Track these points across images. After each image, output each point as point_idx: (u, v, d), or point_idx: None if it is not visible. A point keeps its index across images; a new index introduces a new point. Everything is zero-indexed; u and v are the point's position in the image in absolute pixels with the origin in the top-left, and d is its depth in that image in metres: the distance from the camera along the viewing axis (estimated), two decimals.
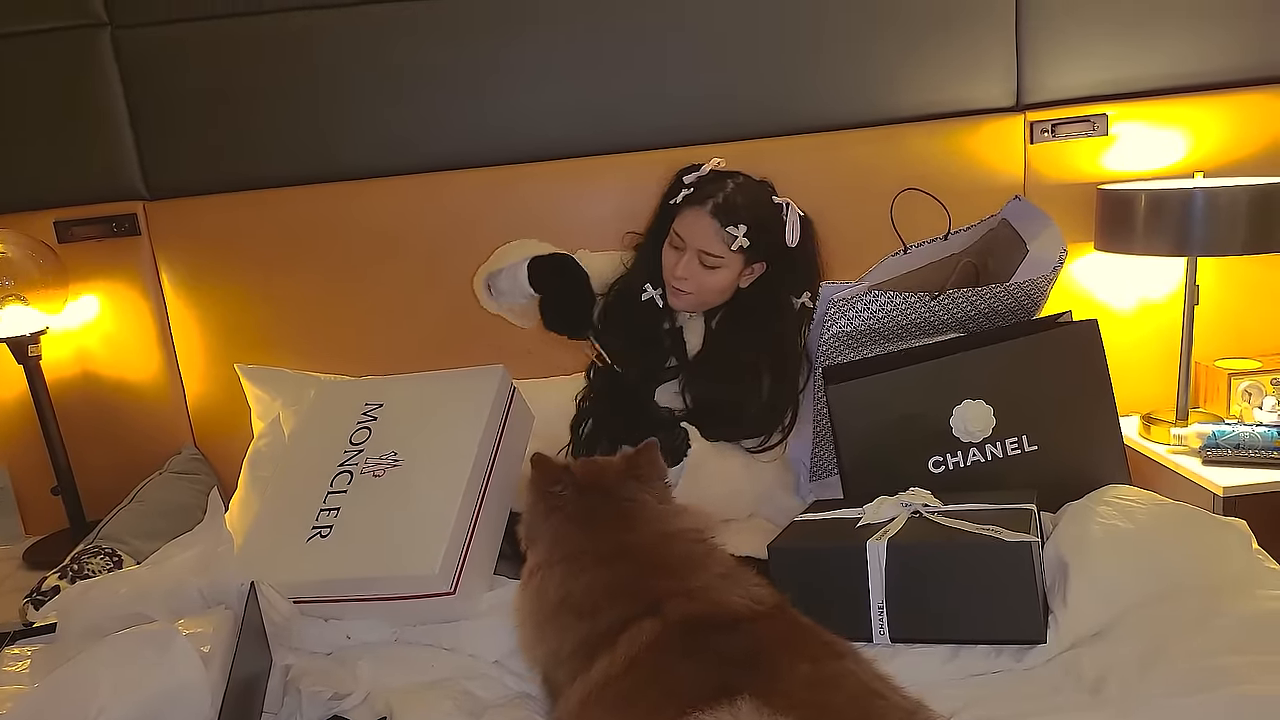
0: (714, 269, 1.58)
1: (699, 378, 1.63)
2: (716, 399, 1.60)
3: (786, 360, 1.64)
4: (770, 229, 1.59)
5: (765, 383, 1.62)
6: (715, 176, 1.62)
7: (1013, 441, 1.52)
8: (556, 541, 1.24)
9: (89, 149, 2.02)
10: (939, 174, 1.99)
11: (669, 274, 1.62)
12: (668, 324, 1.68)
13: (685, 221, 1.60)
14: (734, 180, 1.62)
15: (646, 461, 1.29)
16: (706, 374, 1.62)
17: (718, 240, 1.56)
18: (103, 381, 2.09)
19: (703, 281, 1.60)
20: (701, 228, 1.57)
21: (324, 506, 1.50)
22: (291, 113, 2.03)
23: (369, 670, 1.29)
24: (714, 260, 1.58)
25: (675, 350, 1.66)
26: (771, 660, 1.05)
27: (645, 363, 1.66)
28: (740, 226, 1.56)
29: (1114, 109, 2.08)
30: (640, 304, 1.67)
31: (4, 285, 1.86)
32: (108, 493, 1.94)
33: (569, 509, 1.25)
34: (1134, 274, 2.13)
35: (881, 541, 1.27)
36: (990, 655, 1.23)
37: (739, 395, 1.61)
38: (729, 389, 1.60)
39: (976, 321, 1.65)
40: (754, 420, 1.62)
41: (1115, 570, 1.28)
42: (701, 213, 1.58)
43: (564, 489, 1.26)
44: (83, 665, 1.12)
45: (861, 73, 2.07)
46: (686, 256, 1.59)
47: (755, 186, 1.63)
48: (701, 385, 1.62)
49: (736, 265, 1.60)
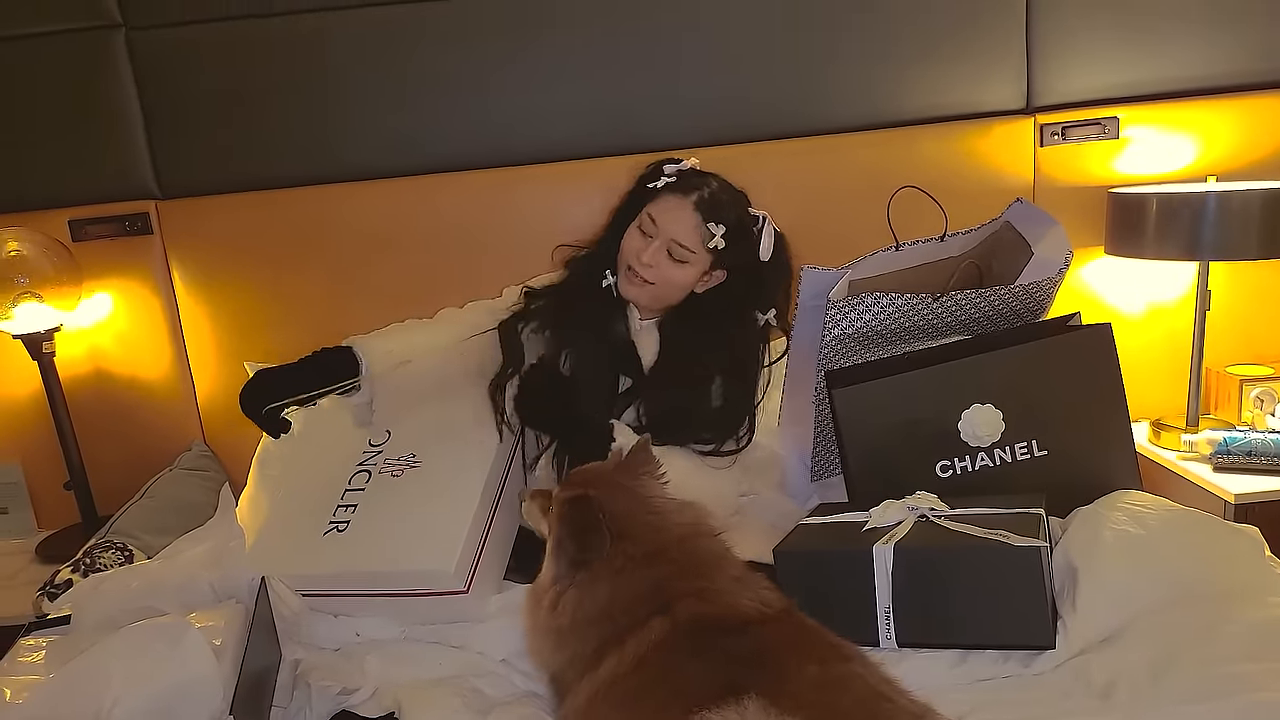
0: (681, 263, 1.55)
1: (654, 389, 1.59)
2: (670, 407, 1.57)
3: (745, 369, 1.60)
4: (746, 238, 1.56)
5: (718, 388, 1.59)
6: (698, 172, 1.60)
7: (1022, 446, 1.52)
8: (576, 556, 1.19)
9: (103, 149, 2.04)
10: (948, 176, 1.99)
11: (633, 257, 1.57)
12: (623, 327, 1.63)
13: (664, 207, 1.56)
14: (717, 180, 1.60)
15: (644, 460, 1.29)
16: (661, 383, 1.59)
17: (695, 234, 1.54)
18: (115, 378, 2.11)
19: (665, 273, 1.56)
20: (681, 217, 1.54)
21: (341, 503, 1.52)
22: (302, 113, 2.05)
23: (377, 666, 1.30)
24: (683, 254, 1.55)
25: (629, 367, 1.63)
26: (779, 661, 1.05)
27: (595, 389, 1.59)
28: (720, 226, 1.54)
29: (1125, 112, 2.07)
30: (599, 293, 1.62)
31: (19, 283, 1.87)
32: (119, 488, 1.96)
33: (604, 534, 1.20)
34: (1144, 278, 2.13)
35: (888, 545, 1.27)
36: (998, 660, 1.23)
37: (691, 401, 1.58)
38: (683, 394, 1.57)
39: (980, 324, 1.64)
40: (705, 425, 1.58)
41: (1126, 576, 1.27)
42: (684, 202, 1.55)
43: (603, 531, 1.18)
44: (96, 657, 1.13)
45: (872, 75, 2.07)
46: (656, 244, 1.56)
47: (736, 192, 1.61)
48: (656, 398, 1.58)
49: (702, 265, 1.57)
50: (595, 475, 1.29)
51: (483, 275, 1.91)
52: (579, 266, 1.67)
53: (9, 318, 1.88)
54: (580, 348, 1.61)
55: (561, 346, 1.63)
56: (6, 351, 2.00)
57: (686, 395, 1.58)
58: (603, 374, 1.61)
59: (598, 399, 1.59)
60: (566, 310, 1.64)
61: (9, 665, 1.26)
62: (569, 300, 1.65)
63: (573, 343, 1.62)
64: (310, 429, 1.80)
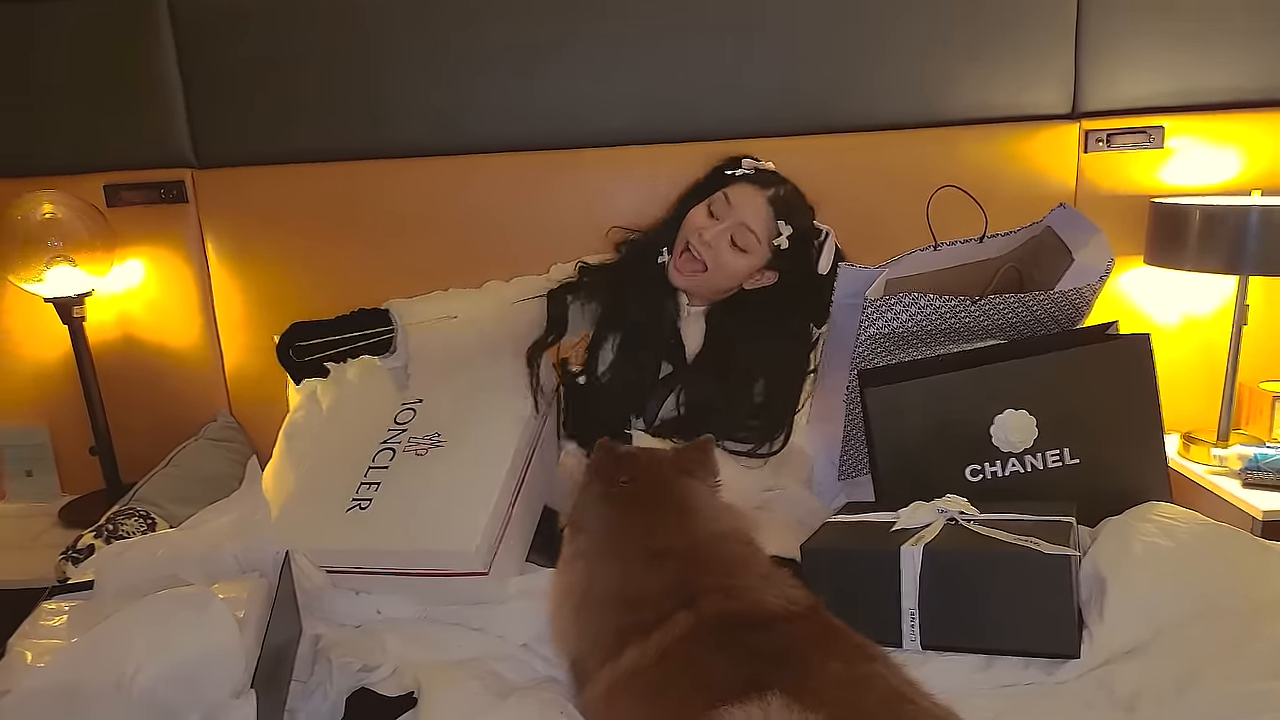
0: (741, 251, 1.56)
1: (694, 377, 1.59)
2: (709, 398, 1.57)
3: (787, 377, 1.61)
4: (807, 247, 1.58)
5: (757, 391, 1.59)
6: (776, 173, 1.63)
7: (1054, 454, 1.50)
8: (608, 531, 1.22)
9: (141, 115, 2.04)
10: (990, 179, 1.96)
11: (694, 234, 1.58)
12: (672, 311, 1.63)
13: (741, 193, 1.58)
14: (792, 185, 1.62)
15: (700, 458, 1.28)
16: (702, 372, 1.59)
17: (765, 225, 1.55)
18: (144, 345, 2.12)
19: (722, 258, 1.57)
20: (756, 206, 1.57)
21: (364, 480, 1.51)
22: (342, 86, 2.04)
23: (397, 645, 1.30)
24: (748, 241, 1.55)
25: (672, 353, 1.63)
26: (803, 659, 1.04)
27: (638, 368, 1.60)
28: (789, 227, 1.55)
29: (1171, 121, 2.04)
30: (652, 271, 1.63)
31: (53, 246, 1.89)
32: (143, 456, 1.97)
33: (626, 500, 1.23)
34: (1181, 290, 2.10)
35: (917, 547, 1.26)
36: (1022, 667, 1.22)
37: (730, 396, 1.57)
38: (722, 388, 1.57)
39: (1018, 329, 1.62)
40: (741, 424, 1.58)
41: (1153, 587, 1.26)
42: (761, 194, 1.57)
43: (629, 480, 1.23)
44: (119, 623, 1.13)
45: (919, 74, 2.05)
46: (723, 226, 1.57)
47: (806, 202, 1.64)
48: (696, 386, 1.59)
49: (759, 259, 1.58)
50: (633, 458, 1.29)
51: (520, 259, 1.91)
52: (635, 247, 1.69)
53: (41, 280, 1.89)
54: (628, 327, 1.63)
55: (609, 324, 1.64)
56: (37, 314, 2.01)
57: (726, 389, 1.58)
58: (646, 357, 1.61)
59: (636, 383, 1.59)
60: (618, 287, 1.65)
61: (30, 628, 1.27)
62: (621, 277, 1.66)
63: (620, 322, 1.63)
64: (337, 406, 1.81)
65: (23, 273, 1.89)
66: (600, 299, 1.66)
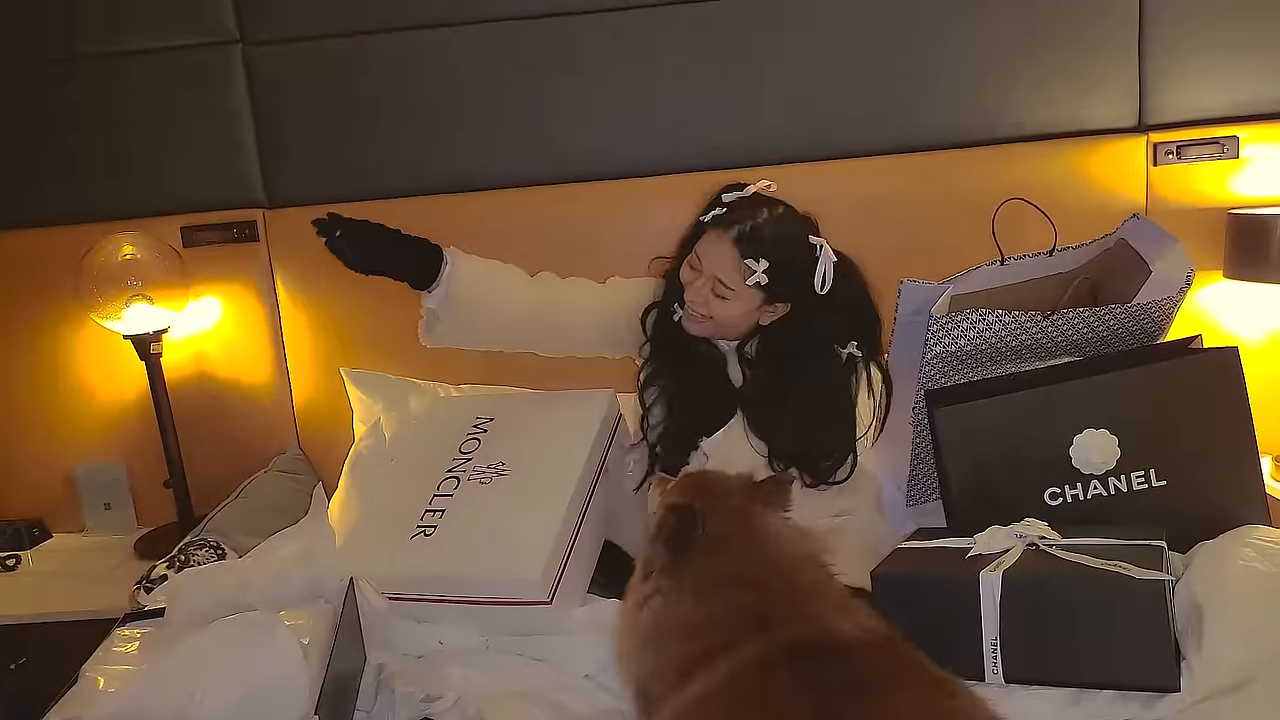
0: (724, 299, 1.51)
1: (750, 411, 1.57)
2: (769, 435, 1.54)
3: (830, 407, 1.55)
4: (797, 269, 1.50)
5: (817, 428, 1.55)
6: (754, 202, 1.54)
7: (1139, 475, 1.43)
8: (684, 567, 1.17)
9: (216, 158, 2.11)
10: (1055, 195, 1.88)
11: (685, 294, 1.56)
12: (711, 349, 1.62)
13: (707, 243, 1.53)
14: (771, 210, 1.53)
15: (776, 492, 1.25)
16: (754, 409, 1.57)
17: (734, 270, 1.49)
18: (217, 381, 2.17)
19: (714, 310, 1.53)
20: (720, 253, 1.50)
21: (429, 508, 1.52)
22: (409, 126, 2.09)
23: (460, 675, 1.29)
24: (725, 290, 1.50)
25: (725, 393, 1.61)
26: (879, 690, 0.99)
27: (696, 404, 1.59)
28: (761, 261, 1.48)
29: (1245, 131, 1.96)
30: (678, 326, 1.61)
31: (131, 285, 1.95)
32: (215, 489, 2.01)
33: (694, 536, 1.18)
34: (1265, 304, 2.00)
35: (996, 574, 1.20)
36: (1116, 701, 1.15)
37: (788, 440, 1.54)
38: (778, 432, 1.54)
39: (1094, 344, 1.56)
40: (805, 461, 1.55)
41: (1258, 617, 1.18)
42: (725, 237, 1.50)
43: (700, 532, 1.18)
44: (186, 650, 1.15)
45: (978, 91, 2.01)
46: (701, 280, 1.52)
47: (792, 221, 1.54)
48: (754, 418, 1.56)
49: (751, 300, 1.52)
50: (711, 487, 1.26)
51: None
52: (655, 309, 1.67)
53: (119, 318, 1.96)
54: (677, 379, 1.62)
55: (654, 379, 1.65)
56: (116, 353, 2.08)
57: (779, 419, 1.55)
58: (704, 392, 1.60)
59: (702, 419, 1.58)
60: (661, 345, 1.65)
61: (104, 655, 1.29)
62: (660, 336, 1.66)
63: (668, 375, 1.63)
64: (401, 435, 1.83)
65: (103, 310, 1.95)
66: (653, 349, 1.67)
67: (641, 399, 1.67)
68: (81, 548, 2.15)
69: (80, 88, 2.11)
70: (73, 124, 2.13)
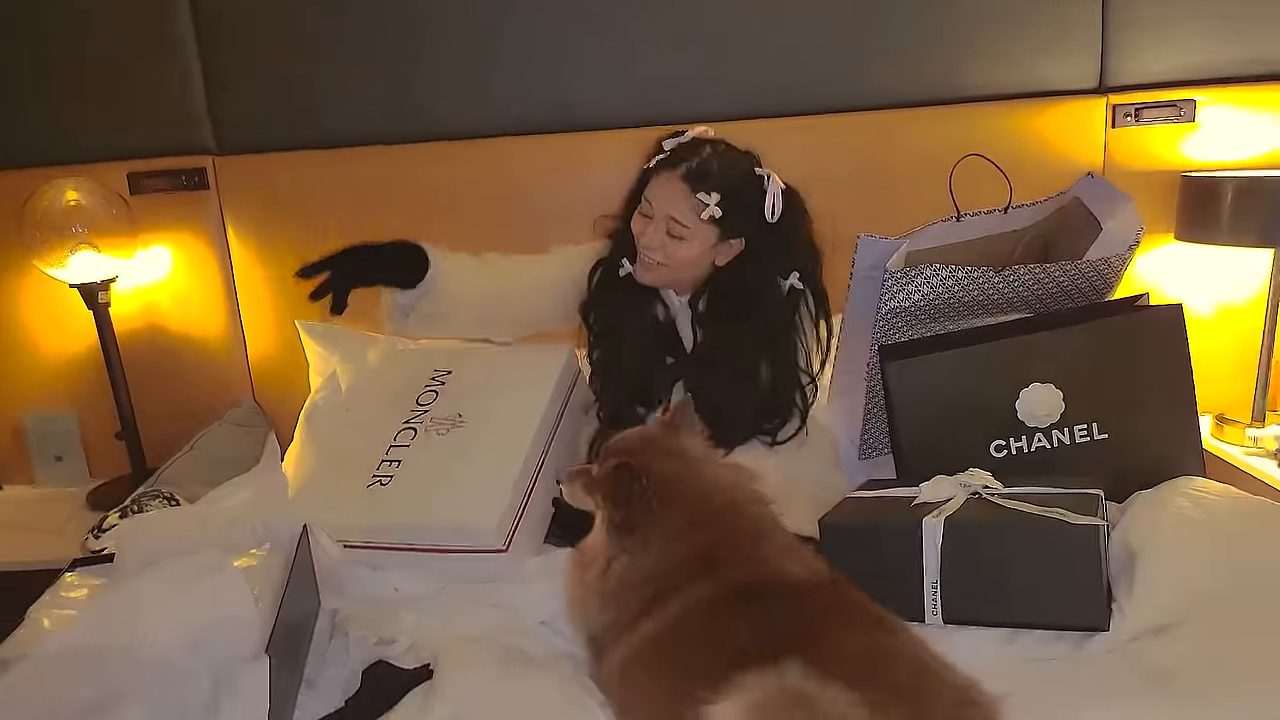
0: (681, 239, 1.52)
1: (698, 369, 1.57)
2: (716, 389, 1.54)
3: (780, 347, 1.57)
4: (747, 201, 1.51)
5: (764, 375, 1.56)
6: (694, 143, 1.55)
7: (1081, 429, 1.46)
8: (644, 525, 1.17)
9: (162, 102, 2.05)
10: (1014, 155, 1.89)
11: (639, 242, 1.55)
12: (660, 313, 1.62)
13: (656, 186, 1.53)
14: (714, 147, 1.55)
15: (685, 419, 1.26)
16: (702, 363, 1.57)
17: (687, 207, 1.50)
18: (169, 333, 2.14)
19: (671, 253, 1.53)
20: (671, 193, 1.51)
21: (386, 458, 1.52)
22: (365, 70, 2.05)
23: (415, 620, 1.30)
24: (680, 230, 1.51)
25: (672, 348, 1.61)
26: (824, 629, 1.02)
27: (639, 356, 1.59)
28: (713, 195, 1.49)
29: (1203, 94, 1.99)
30: (625, 283, 1.60)
31: (77, 232, 1.91)
32: (169, 441, 1.99)
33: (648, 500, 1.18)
34: (1214, 269, 2.04)
35: (939, 520, 1.23)
36: (1048, 641, 1.18)
37: (740, 397, 1.55)
38: (722, 377, 1.54)
39: (1044, 301, 1.58)
40: (760, 416, 1.56)
41: (1187, 562, 1.22)
42: (673, 177, 1.51)
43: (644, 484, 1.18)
44: (133, 589, 1.14)
45: (933, 49, 2.01)
46: (654, 224, 1.53)
47: (736, 155, 1.55)
48: (700, 378, 1.56)
49: (706, 238, 1.53)
50: (637, 441, 1.27)
51: (551, 241, 1.89)
52: (600, 266, 1.66)
53: (64, 266, 1.91)
54: (621, 343, 1.62)
55: (605, 344, 1.64)
56: (64, 301, 2.04)
57: (727, 378, 1.55)
58: (648, 361, 1.60)
59: (647, 385, 1.58)
60: (601, 308, 1.64)
61: (51, 599, 1.28)
62: (601, 297, 1.65)
63: (612, 339, 1.63)
64: (357, 387, 1.82)
65: (47, 258, 1.91)
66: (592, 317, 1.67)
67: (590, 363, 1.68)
68: (32, 499, 2.12)
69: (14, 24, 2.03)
70: (11, 63, 2.06)
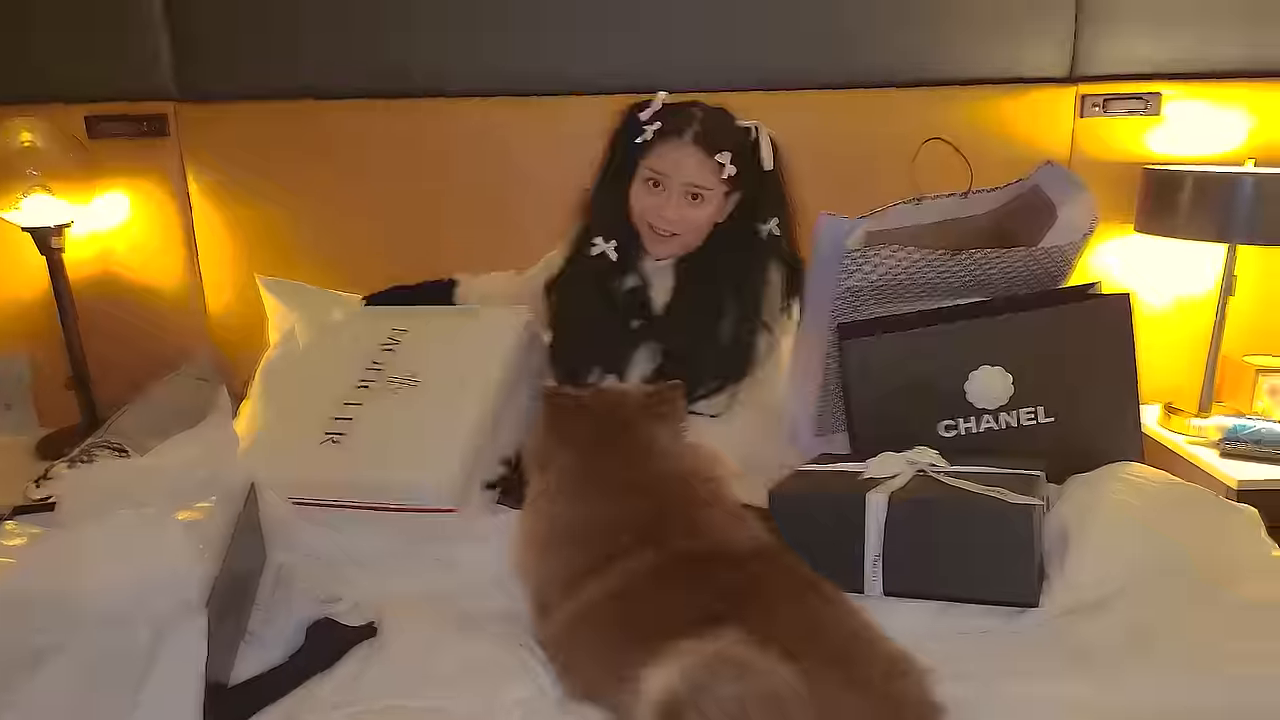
0: (701, 199, 1.53)
1: (668, 328, 1.59)
2: (684, 344, 1.56)
3: (747, 292, 1.59)
4: (747, 153, 1.54)
5: (729, 319, 1.58)
6: (678, 108, 1.56)
7: (1028, 412, 1.50)
8: (566, 470, 1.22)
9: (123, 43, 1.99)
10: (980, 142, 1.92)
11: (654, 216, 1.55)
12: (630, 283, 1.62)
13: (664, 156, 1.53)
14: (699, 109, 1.56)
15: (669, 401, 1.27)
16: (675, 321, 1.59)
17: (706, 170, 1.51)
18: (125, 281, 2.10)
19: (690, 219, 1.55)
20: (684, 158, 1.52)
21: (339, 415, 1.52)
22: (339, 22, 2.00)
23: (362, 577, 1.30)
24: (702, 191, 1.53)
25: (638, 312, 1.61)
26: (763, 598, 1.05)
27: (599, 334, 1.60)
28: (725, 154, 1.51)
29: (1170, 88, 2.02)
30: (593, 263, 1.60)
31: (30, 175, 1.86)
32: (124, 392, 1.96)
33: (583, 440, 1.23)
34: (1172, 262, 2.08)
35: (883, 494, 1.26)
36: (981, 615, 1.22)
37: (707, 343, 1.57)
38: (697, 341, 1.56)
39: (998, 285, 1.61)
40: (721, 362, 1.58)
41: (1117, 542, 1.26)
42: (682, 144, 1.52)
43: (579, 423, 1.23)
44: (73, 539, 1.13)
45: (905, 30, 2.01)
46: (673, 195, 1.53)
47: (722, 114, 1.57)
48: (670, 337, 1.58)
49: (719, 197, 1.55)
50: (605, 394, 1.28)
51: (529, 201, 1.90)
52: (572, 251, 1.66)
53: (17, 208, 1.87)
54: (583, 316, 1.63)
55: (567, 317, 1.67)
56: (16, 244, 1.98)
57: (700, 324, 1.57)
58: (612, 329, 1.61)
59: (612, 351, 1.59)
60: (566, 286, 1.66)
61: None
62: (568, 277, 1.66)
63: (575, 314, 1.65)
64: (315, 343, 1.80)
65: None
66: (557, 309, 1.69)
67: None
68: None
69: None
70: None
